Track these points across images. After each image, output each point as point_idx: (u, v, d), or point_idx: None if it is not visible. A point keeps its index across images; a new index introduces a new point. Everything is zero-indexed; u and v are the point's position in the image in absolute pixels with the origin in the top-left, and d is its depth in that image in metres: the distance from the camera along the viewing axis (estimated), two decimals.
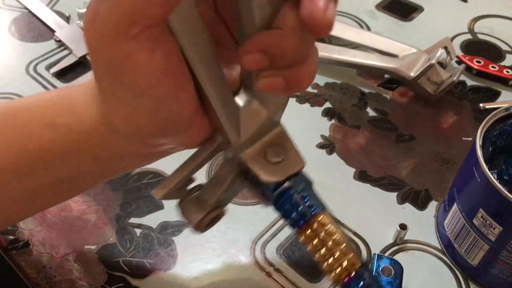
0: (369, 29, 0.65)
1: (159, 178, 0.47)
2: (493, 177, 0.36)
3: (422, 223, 0.45)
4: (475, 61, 0.59)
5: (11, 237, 0.42)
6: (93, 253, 0.42)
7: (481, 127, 0.39)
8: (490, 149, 0.39)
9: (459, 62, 0.60)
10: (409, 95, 0.57)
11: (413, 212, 0.46)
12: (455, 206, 0.40)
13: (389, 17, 0.67)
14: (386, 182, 0.48)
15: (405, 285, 0.39)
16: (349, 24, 0.63)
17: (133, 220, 0.44)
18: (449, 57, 0.57)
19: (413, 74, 0.53)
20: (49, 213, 0.44)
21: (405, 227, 0.42)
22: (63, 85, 0.56)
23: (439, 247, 0.43)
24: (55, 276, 0.40)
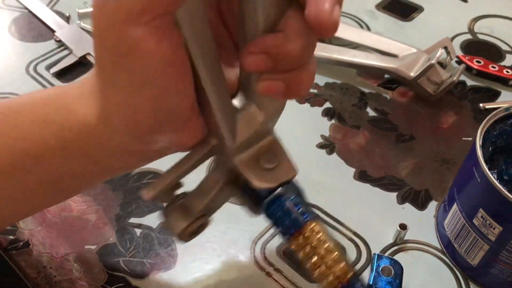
0: (369, 29, 0.65)
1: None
2: (493, 177, 0.36)
3: (422, 223, 0.45)
4: (475, 61, 0.59)
5: (11, 237, 0.42)
6: (93, 253, 0.42)
7: (481, 127, 0.39)
8: (490, 149, 0.39)
9: (459, 62, 0.60)
10: (409, 95, 0.57)
11: (413, 212, 0.46)
12: (455, 206, 0.40)
13: (389, 17, 0.67)
14: (386, 182, 0.48)
15: (405, 285, 0.39)
16: (349, 24, 0.63)
17: (133, 220, 0.44)
18: (449, 57, 0.57)
19: (413, 74, 0.53)
20: (49, 213, 0.44)
21: (405, 227, 0.42)
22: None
23: (439, 247, 0.43)
24: (55, 276, 0.40)
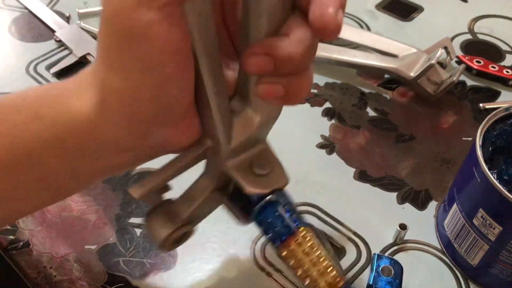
0: (369, 29, 0.65)
1: None
2: (493, 177, 0.36)
3: (422, 223, 0.45)
4: (475, 61, 0.59)
5: (11, 237, 0.42)
6: (93, 253, 0.42)
7: (481, 127, 0.39)
8: (490, 149, 0.39)
9: (459, 62, 0.60)
10: (409, 95, 0.57)
11: (413, 212, 0.46)
12: (455, 206, 0.40)
13: (389, 17, 0.67)
14: (386, 182, 0.48)
15: (405, 285, 0.39)
16: (349, 24, 0.63)
17: (133, 220, 0.44)
18: (449, 57, 0.57)
19: (413, 74, 0.53)
20: (49, 213, 0.44)
21: (405, 227, 0.42)
22: None
23: (439, 247, 0.43)
24: (55, 276, 0.40)
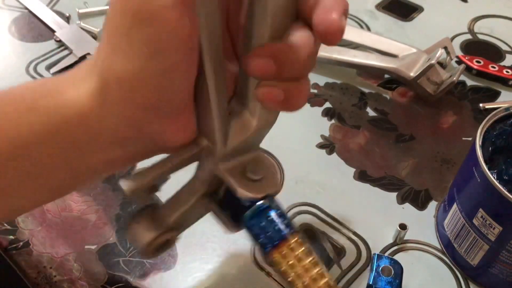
0: (369, 29, 0.65)
1: None
2: (493, 177, 0.36)
3: (422, 223, 0.45)
4: (475, 61, 0.59)
5: (11, 237, 0.42)
6: (93, 253, 0.42)
7: (481, 127, 0.39)
8: (490, 149, 0.39)
9: (459, 62, 0.60)
10: (409, 95, 0.57)
11: (413, 212, 0.46)
12: (455, 206, 0.40)
13: (389, 17, 0.67)
14: (386, 182, 0.48)
15: (405, 285, 0.39)
16: (349, 24, 0.63)
17: None
18: (449, 57, 0.57)
19: (413, 74, 0.53)
20: (49, 213, 0.44)
21: (405, 227, 0.42)
22: None
23: (439, 247, 0.43)
24: (55, 276, 0.40)
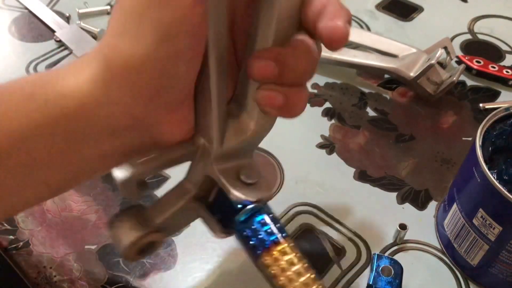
0: (369, 29, 0.65)
1: (158, 178, 0.47)
2: (493, 177, 0.36)
3: (422, 223, 0.45)
4: (475, 61, 0.59)
5: (11, 237, 0.42)
6: (93, 253, 0.42)
7: (481, 127, 0.39)
8: (490, 149, 0.39)
9: (459, 62, 0.60)
10: (409, 95, 0.57)
11: (413, 212, 0.46)
12: (455, 206, 0.40)
13: (389, 17, 0.67)
14: (386, 182, 0.48)
15: (405, 285, 0.39)
16: None
17: None
18: (449, 57, 0.57)
19: (413, 74, 0.53)
20: (49, 213, 0.44)
21: (405, 227, 0.42)
22: None
23: (439, 247, 0.43)
24: (55, 276, 0.40)
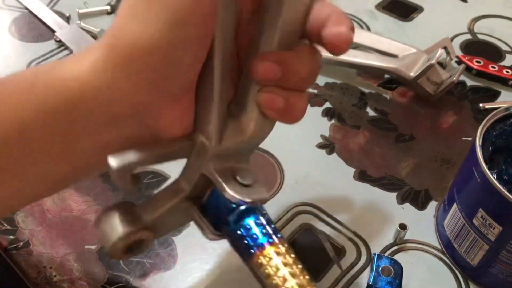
0: (369, 29, 0.65)
1: (158, 178, 0.47)
2: (493, 177, 0.36)
3: (422, 223, 0.45)
4: (474, 61, 0.59)
5: (11, 237, 0.42)
6: (93, 253, 0.42)
7: (481, 127, 0.39)
8: (490, 149, 0.39)
9: (459, 62, 0.60)
10: (409, 95, 0.57)
11: (413, 212, 0.46)
12: (455, 206, 0.40)
13: (389, 17, 0.67)
14: (386, 182, 0.48)
15: (405, 285, 0.39)
16: None
17: None
18: (449, 57, 0.57)
19: (413, 74, 0.53)
20: (49, 213, 0.44)
21: (405, 227, 0.42)
22: None
23: (439, 247, 0.43)
24: (55, 276, 0.40)
